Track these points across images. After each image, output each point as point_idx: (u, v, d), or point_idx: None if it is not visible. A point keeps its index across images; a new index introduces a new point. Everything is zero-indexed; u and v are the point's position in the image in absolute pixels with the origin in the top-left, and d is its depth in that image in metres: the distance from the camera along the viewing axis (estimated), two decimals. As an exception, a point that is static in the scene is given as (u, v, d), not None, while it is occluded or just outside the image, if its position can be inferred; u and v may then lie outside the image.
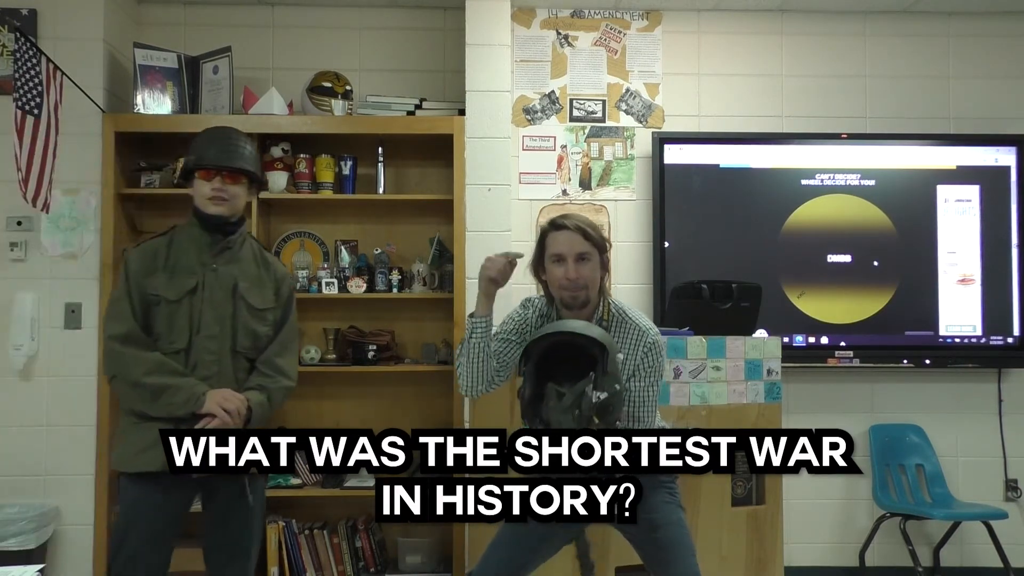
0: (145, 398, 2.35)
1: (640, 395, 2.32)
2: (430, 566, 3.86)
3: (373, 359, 3.91)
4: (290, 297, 2.64)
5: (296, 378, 2.61)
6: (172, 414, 2.33)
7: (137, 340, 2.38)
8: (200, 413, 2.33)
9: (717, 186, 4.11)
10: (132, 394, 2.37)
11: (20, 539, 3.45)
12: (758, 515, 3.03)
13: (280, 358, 2.55)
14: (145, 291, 2.41)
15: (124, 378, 2.37)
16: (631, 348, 2.33)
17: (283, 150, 3.95)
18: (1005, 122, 4.25)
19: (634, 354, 2.32)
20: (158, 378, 2.34)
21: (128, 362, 2.35)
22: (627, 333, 2.35)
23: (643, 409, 2.32)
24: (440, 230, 4.00)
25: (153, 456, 2.31)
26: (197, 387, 2.36)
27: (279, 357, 2.55)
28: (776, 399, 3.10)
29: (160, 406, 2.34)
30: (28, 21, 3.74)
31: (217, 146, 2.47)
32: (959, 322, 4.11)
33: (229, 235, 2.51)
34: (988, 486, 4.17)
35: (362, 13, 4.24)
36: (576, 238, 2.32)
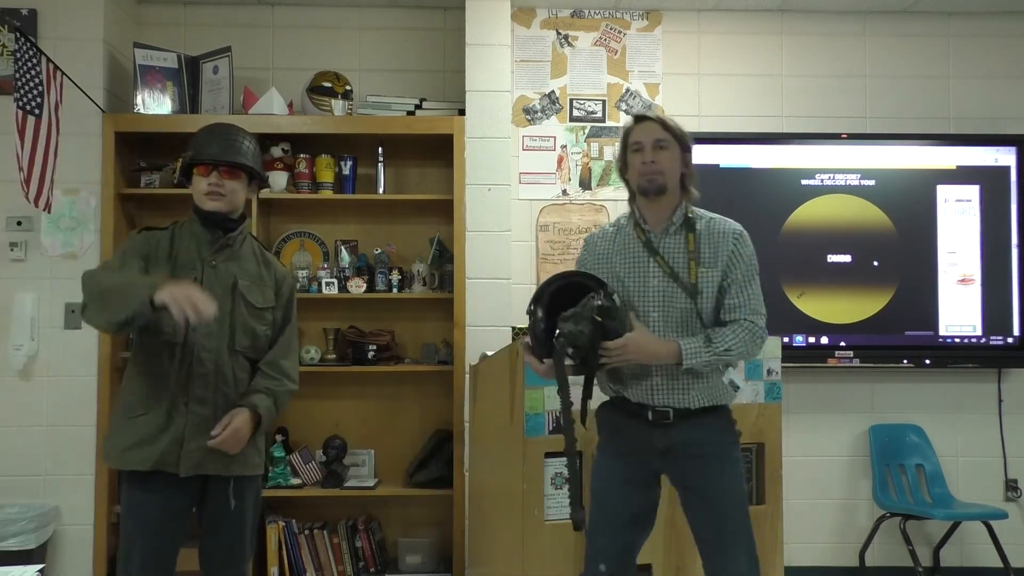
0: (108, 301, 2.23)
1: (744, 285, 2.32)
2: (430, 566, 3.86)
3: (373, 359, 3.91)
4: (291, 297, 2.64)
5: (298, 380, 2.62)
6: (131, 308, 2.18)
7: (109, 267, 2.41)
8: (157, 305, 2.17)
9: (717, 186, 4.09)
10: (97, 305, 2.25)
11: (20, 539, 3.45)
12: (758, 515, 3.02)
13: (285, 360, 2.55)
14: (147, 253, 2.40)
15: (90, 291, 2.28)
16: (720, 239, 2.34)
17: (283, 150, 3.95)
18: (1005, 122, 4.25)
19: (725, 245, 2.34)
20: (120, 279, 2.27)
21: (98, 278, 2.30)
22: (714, 228, 2.36)
23: (754, 300, 2.33)
24: (440, 230, 4.00)
25: (141, 453, 2.31)
26: (157, 279, 2.25)
27: (284, 359, 2.55)
28: (776, 399, 3.09)
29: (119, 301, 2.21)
30: (28, 21, 3.74)
31: (216, 141, 2.46)
32: (959, 322, 4.11)
33: (229, 232, 2.49)
34: (988, 486, 4.17)
35: (362, 13, 4.24)
36: (654, 126, 2.38)
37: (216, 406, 2.40)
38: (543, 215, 4.13)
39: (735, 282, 2.32)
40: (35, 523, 3.51)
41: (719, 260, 2.33)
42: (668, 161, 2.36)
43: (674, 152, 2.37)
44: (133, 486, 2.38)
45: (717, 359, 2.27)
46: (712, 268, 2.32)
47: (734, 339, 2.28)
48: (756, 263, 2.37)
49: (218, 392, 2.40)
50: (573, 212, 4.14)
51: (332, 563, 3.83)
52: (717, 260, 2.33)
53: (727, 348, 2.27)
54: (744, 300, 2.32)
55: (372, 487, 3.86)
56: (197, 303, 2.15)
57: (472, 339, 3.78)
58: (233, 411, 2.40)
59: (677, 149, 2.38)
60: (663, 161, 2.35)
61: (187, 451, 2.34)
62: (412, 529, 4.01)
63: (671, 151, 2.37)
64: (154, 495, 2.36)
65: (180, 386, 2.37)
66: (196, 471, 2.36)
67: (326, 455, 3.87)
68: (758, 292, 2.35)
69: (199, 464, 2.36)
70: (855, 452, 4.19)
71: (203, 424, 2.37)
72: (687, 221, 2.37)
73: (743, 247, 2.35)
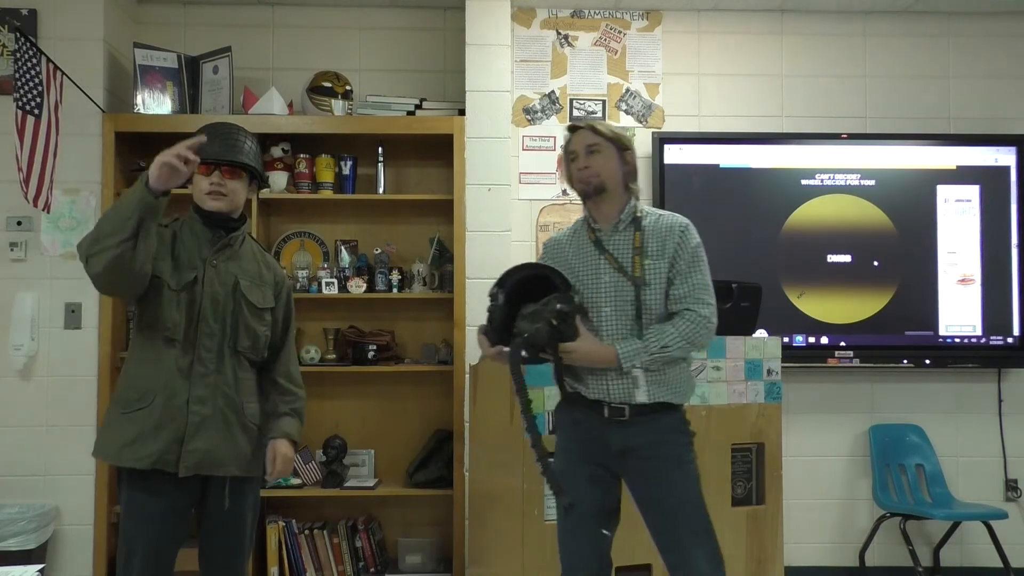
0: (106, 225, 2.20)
1: (687, 275, 2.37)
2: (430, 566, 3.86)
3: (373, 359, 3.91)
4: (289, 299, 2.64)
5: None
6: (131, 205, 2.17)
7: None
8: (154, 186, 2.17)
9: (717, 186, 4.11)
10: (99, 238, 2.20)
11: (20, 539, 3.45)
12: (758, 515, 3.03)
13: (293, 366, 2.62)
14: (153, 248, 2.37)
15: (87, 240, 2.23)
16: (667, 233, 2.40)
17: (283, 150, 3.95)
18: (1005, 122, 4.26)
19: (671, 238, 2.39)
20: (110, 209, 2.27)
21: (98, 223, 2.27)
22: (661, 223, 2.43)
23: (699, 290, 2.37)
24: (440, 230, 4.00)
25: (139, 451, 2.30)
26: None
27: (293, 367, 2.62)
28: (776, 399, 3.10)
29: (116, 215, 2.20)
30: (28, 21, 3.74)
31: (217, 140, 2.44)
32: (959, 322, 4.11)
33: (231, 232, 2.49)
34: (988, 486, 4.18)
35: (362, 13, 4.24)
36: (585, 133, 2.47)
37: (216, 406, 2.38)
38: (543, 215, 4.13)
39: (679, 272, 2.38)
40: (35, 523, 3.51)
41: (666, 252, 2.39)
42: (602, 163, 2.44)
43: (608, 153, 2.45)
44: (134, 486, 2.36)
45: (657, 357, 2.31)
46: (659, 260, 2.39)
47: (673, 334, 2.31)
48: (702, 254, 2.42)
49: (218, 392, 2.39)
50: (573, 212, 4.14)
51: (332, 563, 3.83)
52: (664, 252, 2.39)
53: (663, 345, 2.31)
54: (688, 290, 2.36)
55: (372, 487, 3.86)
56: (180, 151, 2.16)
57: (472, 339, 3.75)
58: (274, 444, 2.49)
59: (612, 150, 2.45)
60: (596, 164, 2.44)
61: (187, 451, 2.33)
62: (412, 529, 4.01)
63: (604, 153, 2.44)
64: (155, 496, 2.34)
65: (181, 385, 2.36)
66: (195, 471, 2.35)
67: (326, 455, 3.87)
68: (703, 281, 2.39)
69: (198, 464, 2.35)
70: (855, 452, 4.19)
71: (204, 424, 2.35)
72: (635, 219, 2.44)
73: (687, 238, 2.40)
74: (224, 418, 2.39)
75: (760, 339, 3.23)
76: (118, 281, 2.28)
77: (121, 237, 2.18)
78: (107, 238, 2.19)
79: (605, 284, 2.40)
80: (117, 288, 2.39)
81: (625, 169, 2.47)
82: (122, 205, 2.21)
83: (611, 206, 2.46)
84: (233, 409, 2.42)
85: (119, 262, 2.20)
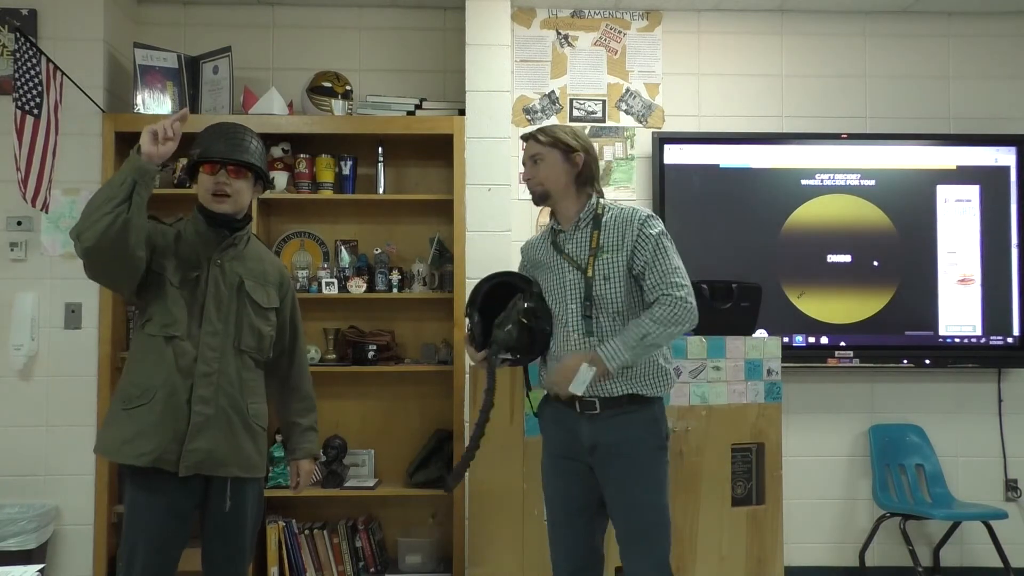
0: (100, 198, 2.21)
1: (654, 263, 2.40)
2: (430, 566, 3.86)
3: (373, 359, 3.91)
4: (295, 302, 2.66)
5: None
6: (123, 176, 2.20)
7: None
8: (149, 154, 2.20)
9: (717, 186, 4.11)
10: (94, 215, 2.19)
11: (20, 539, 3.45)
12: (758, 515, 3.04)
13: (307, 382, 2.71)
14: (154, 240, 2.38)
15: (79, 222, 2.22)
16: (626, 226, 2.43)
17: (283, 150, 3.95)
18: (1005, 122, 4.26)
19: (630, 231, 2.43)
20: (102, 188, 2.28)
21: (89, 200, 2.26)
22: (620, 217, 2.46)
23: (670, 275, 2.39)
24: (440, 230, 4.00)
25: (139, 447, 2.30)
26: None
27: (306, 381, 2.70)
28: (776, 399, 3.10)
29: (109, 189, 2.21)
30: (28, 21, 3.74)
31: (223, 140, 2.44)
32: (959, 322, 4.11)
33: (235, 231, 2.49)
34: (988, 486, 4.17)
35: (362, 13, 4.24)
36: (530, 144, 2.54)
37: (219, 406, 2.38)
38: (543, 215, 4.13)
39: (646, 264, 2.41)
40: (35, 523, 3.51)
41: (624, 245, 2.42)
42: (544, 171, 2.50)
43: (551, 160, 2.49)
44: (137, 486, 2.36)
45: (639, 349, 2.35)
46: (616, 253, 2.43)
47: (649, 322, 2.35)
48: (667, 241, 2.44)
49: (221, 392, 2.39)
50: (573, 212, 4.14)
51: (332, 563, 3.83)
52: (622, 245, 2.43)
53: (642, 335, 2.34)
54: (659, 278, 2.39)
55: (372, 487, 3.86)
56: (167, 123, 2.22)
57: (472, 339, 3.78)
58: (298, 464, 2.67)
59: (556, 155, 2.49)
60: (538, 174, 2.51)
61: (187, 450, 2.33)
62: (412, 529, 4.01)
63: (547, 160, 2.49)
64: (158, 496, 2.34)
65: (182, 383, 2.35)
66: (196, 471, 2.34)
67: (326, 455, 3.87)
68: (674, 266, 2.41)
69: (199, 464, 2.34)
70: (855, 452, 4.19)
71: (206, 424, 2.35)
72: (596, 217, 2.48)
73: (647, 229, 2.43)
74: (227, 418, 2.39)
75: (760, 339, 3.23)
76: (111, 259, 2.24)
77: (115, 202, 2.18)
78: (101, 207, 2.19)
79: (569, 283, 2.47)
80: (110, 269, 2.31)
81: (574, 171, 2.50)
82: (114, 176, 2.25)
83: (567, 207, 2.52)
84: (236, 409, 2.41)
85: (111, 232, 2.16)
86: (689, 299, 2.38)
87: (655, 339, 2.35)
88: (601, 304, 2.42)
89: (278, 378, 2.65)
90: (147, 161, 2.22)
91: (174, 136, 2.25)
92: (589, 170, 2.51)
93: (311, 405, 2.71)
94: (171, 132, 2.24)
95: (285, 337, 2.62)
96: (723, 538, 3.03)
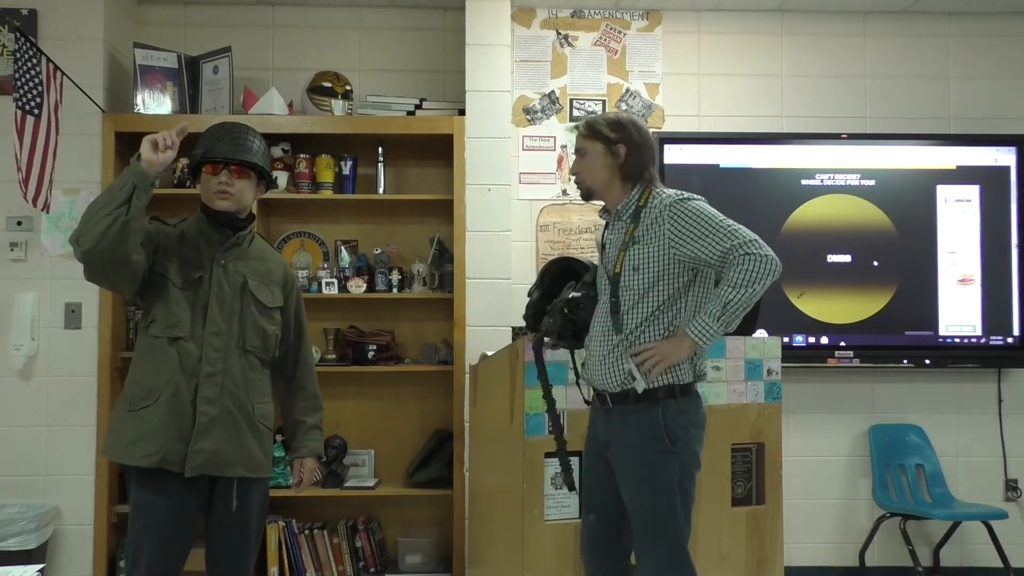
0: (99, 203, 2.23)
1: (706, 237, 2.29)
2: (430, 566, 3.86)
3: (373, 359, 3.91)
4: (299, 301, 2.65)
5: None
6: (122, 182, 2.23)
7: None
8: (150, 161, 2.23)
9: (717, 186, 4.10)
10: (93, 219, 2.20)
11: (20, 539, 3.45)
12: (758, 515, 3.03)
13: (313, 380, 2.70)
14: (156, 241, 2.40)
15: (78, 227, 2.24)
16: (657, 216, 2.36)
17: (283, 150, 3.95)
18: (1005, 122, 4.26)
19: (660, 223, 2.35)
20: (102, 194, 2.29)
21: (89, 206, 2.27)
22: (654, 209, 2.38)
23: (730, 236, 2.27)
24: (440, 230, 4.00)
25: (145, 448, 2.30)
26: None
27: (312, 380, 2.70)
28: (776, 399, 3.09)
29: (109, 194, 2.23)
30: (28, 21, 3.74)
31: (226, 140, 2.44)
32: (959, 322, 4.11)
33: (238, 231, 2.49)
34: (988, 486, 4.18)
35: (362, 13, 4.24)
36: (576, 137, 2.54)
37: (224, 406, 2.38)
38: (543, 215, 4.13)
39: (695, 239, 2.30)
40: (35, 523, 3.51)
41: (659, 236, 2.34)
42: (586, 166, 2.48)
43: (593, 154, 2.46)
44: (142, 487, 2.36)
45: (726, 318, 2.26)
46: (648, 245, 2.35)
47: (727, 290, 2.25)
48: (700, 205, 2.35)
49: (225, 392, 2.39)
50: (573, 212, 4.14)
51: (332, 563, 3.83)
52: (657, 236, 2.35)
53: (724, 303, 2.25)
54: (714, 244, 2.28)
55: (372, 487, 3.86)
56: (167, 134, 2.26)
57: (472, 339, 3.78)
58: (302, 462, 2.66)
59: (599, 147, 2.45)
60: (582, 168, 2.50)
61: (193, 451, 2.33)
62: (412, 529, 4.01)
63: (590, 155, 2.47)
64: (162, 495, 2.34)
65: (186, 383, 2.35)
66: (201, 471, 2.35)
67: (326, 455, 3.87)
68: (729, 227, 2.29)
69: (204, 464, 2.34)
70: (855, 452, 4.19)
71: (211, 424, 2.35)
72: (637, 209, 2.41)
73: (677, 208, 2.33)
74: (232, 418, 2.39)
75: (760, 339, 3.23)
76: (109, 262, 2.24)
77: (115, 204, 2.19)
78: (100, 210, 2.20)
79: (603, 276, 2.48)
80: (108, 273, 2.31)
81: (616, 162, 2.43)
82: (114, 182, 2.28)
83: (611, 200, 2.49)
84: (241, 410, 2.41)
85: (110, 234, 2.17)
86: (756, 250, 2.25)
87: (739, 303, 2.24)
88: (625, 295, 2.37)
89: (284, 376, 2.64)
90: (147, 167, 2.24)
91: (173, 146, 2.28)
92: (634, 162, 2.43)
93: (317, 404, 2.69)
94: (171, 142, 2.27)
95: (290, 335, 2.62)
96: (723, 538, 3.02)
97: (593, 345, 2.44)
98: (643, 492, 2.35)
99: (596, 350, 2.43)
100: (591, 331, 2.46)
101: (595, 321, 2.45)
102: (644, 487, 2.35)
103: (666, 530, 2.33)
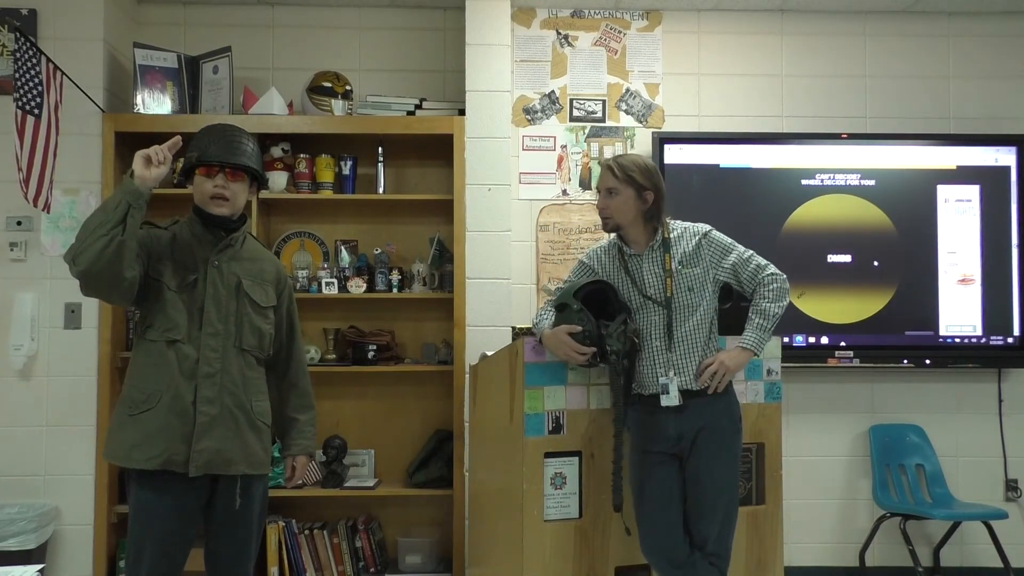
0: (94, 220, 2.24)
1: (737, 263, 2.71)
2: (430, 566, 3.86)
3: (373, 359, 3.91)
4: (292, 300, 2.66)
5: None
6: (116, 200, 2.24)
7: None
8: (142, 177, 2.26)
9: (717, 186, 4.11)
10: (88, 239, 2.23)
11: (20, 539, 3.45)
12: (758, 515, 3.03)
13: (305, 378, 2.71)
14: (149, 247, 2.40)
15: (74, 244, 2.26)
16: (689, 241, 2.72)
17: (283, 150, 3.95)
18: (1005, 122, 4.26)
19: (699, 250, 2.70)
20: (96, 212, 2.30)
21: (82, 225, 2.28)
22: (683, 236, 2.73)
23: (752, 263, 2.71)
24: (440, 230, 4.00)
25: (148, 451, 2.31)
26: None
27: (304, 378, 2.70)
28: (776, 399, 3.09)
29: (103, 213, 2.25)
30: (28, 21, 3.74)
31: (220, 142, 2.45)
32: (959, 322, 4.11)
33: (231, 232, 2.50)
34: (988, 486, 4.18)
35: (362, 13, 4.24)
36: (607, 176, 2.74)
37: (224, 406, 2.39)
38: (543, 215, 4.13)
39: (729, 265, 2.71)
40: (35, 523, 3.51)
41: (700, 259, 2.71)
42: (617, 205, 2.71)
43: (625, 195, 2.69)
44: (143, 487, 2.37)
45: (770, 326, 2.68)
46: (693, 267, 2.70)
47: (770, 305, 2.67)
48: (725, 237, 2.76)
49: (224, 391, 2.40)
50: (573, 212, 4.14)
51: (332, 563, 3.83)
52: (699, 259, 2.70)
53: (773, 316, 2.67)
54: (745, 267, 2.70)
55: (372, 487, 3.86)
56: (159, 149, 2.29)
57: (472, 339, 3.78)
58: (294, 460, 2.67)
59: (631, 192, 2.69)
60: (612, 207, 2.72)
61: (196, 451, 2.34)
62: (412, 529, 4.01)
63: (622, 196, 2.70)
64: (165, 496, 2.35)
65: (186, 385, 2.36)
66: (205, 470, 2.36)
67: (326, 455, 3.87)
68: (748, 253, 2.74)
69: (208, 464, 2.35)
70: (855, 452, 4.19)
71: (212, 424, 2.36)
72: (665, 242, 2.70)
73: (712, 237, 2.73)
74: (232, 417, 2.41)
75: (760, 339, 3.23)
76: (104, 281, 2.28)
77: (110, 224, 2.22)
78: (96, 230, 2.23)
79: (647, 310, 2.70)
80: (103, 290, 2.34)
81: (644, 208, 2.69)
82: (108, 200, 2.30)
83: (636, 236, 2.73)
84: (241, 408, 2.43)
85: (106, 254, 2.21)
86: (775, 270, 2.72)
87: (777, 315, 2.68)
88: (676, 313, 2.65)
89: (276, 374, 2.65)
90: (140, 184, 2.27)
91: (166, 160, 2.31)
92: (657, 207, 2.71)
93: (309, 402, 2.70)
94: (163, 157, 2.30)
95: (282, 334, 2.63)
96: (723, 538, 3.02)
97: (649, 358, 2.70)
98: (731, 464, 2.70)
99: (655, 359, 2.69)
100: (645, 345, 2.69)
101: (650, 336, 2.68)
102: (732, 460, 2.70)
103: (736, 494, 2.74)
